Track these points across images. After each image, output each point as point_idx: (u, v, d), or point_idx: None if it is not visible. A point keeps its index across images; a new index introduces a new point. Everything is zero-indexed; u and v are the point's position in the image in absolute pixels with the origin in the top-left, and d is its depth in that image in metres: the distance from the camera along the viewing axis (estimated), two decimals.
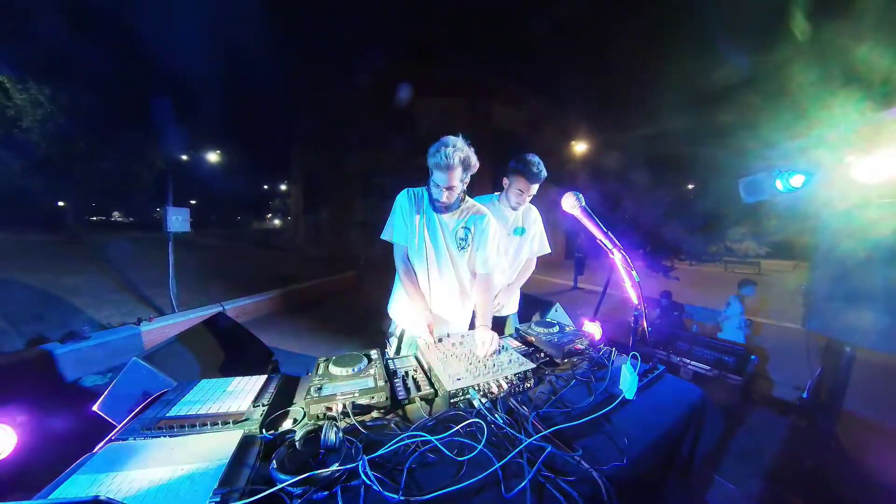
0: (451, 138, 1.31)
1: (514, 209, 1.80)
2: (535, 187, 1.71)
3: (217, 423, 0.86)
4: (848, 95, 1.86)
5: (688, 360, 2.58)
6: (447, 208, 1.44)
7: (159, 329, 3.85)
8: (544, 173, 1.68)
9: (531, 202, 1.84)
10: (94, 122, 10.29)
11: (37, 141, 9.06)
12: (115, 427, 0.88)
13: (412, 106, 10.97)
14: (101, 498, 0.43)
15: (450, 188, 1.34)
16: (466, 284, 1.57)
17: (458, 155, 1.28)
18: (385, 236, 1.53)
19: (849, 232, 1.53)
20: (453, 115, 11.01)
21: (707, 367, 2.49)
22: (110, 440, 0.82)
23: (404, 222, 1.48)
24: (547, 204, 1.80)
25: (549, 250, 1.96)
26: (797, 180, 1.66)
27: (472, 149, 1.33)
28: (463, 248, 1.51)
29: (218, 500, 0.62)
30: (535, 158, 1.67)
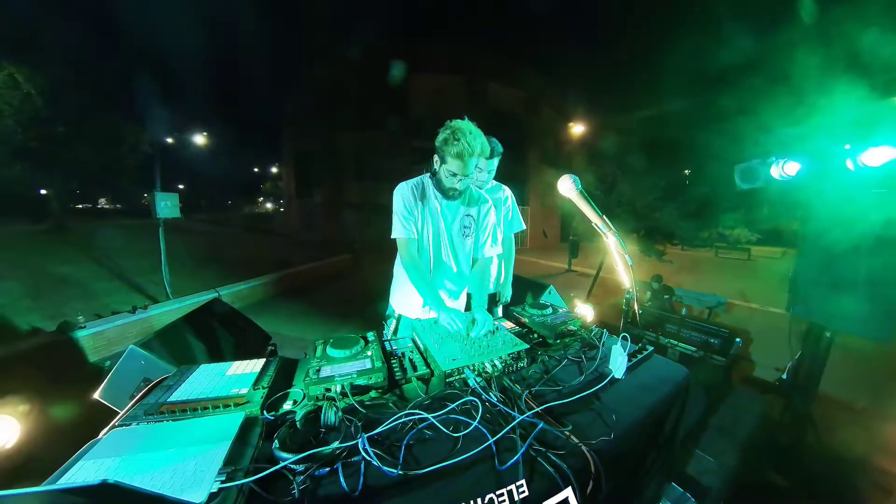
0: (462, 124, 1.27)
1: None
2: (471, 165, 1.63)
3: (219, 406, 0.88)
4: (849, 82, 1.81)
5: (676, 342, 2.66)
6: (460, 195, 1.43)
7: (155, 316, 3.85)
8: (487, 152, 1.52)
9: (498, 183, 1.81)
10: (73, 104, 9.79)
11: (12, 126, 8.59)
12: (118, 414, 0.89)
13: (406, 83, 10.63)
14: (110, 481, 0.43)
15: (467, 175, 1.32)
16: (465, 270, 1.59)
17: (479, 141, 1.26)
18: (396, 234, 1.45)
19: (838, 221, 1.53)
20: (448, 92, 10.72)
21: (693, 349, 2.57)
22: (114, 426, 0.83)
23: (412, 215, 1.44)
24: (543, 187, 1.78)
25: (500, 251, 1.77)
26: (792, 168, 1.65)
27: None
28: (466, 235, 1.51)
29: (224, 478, 0.65)
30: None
